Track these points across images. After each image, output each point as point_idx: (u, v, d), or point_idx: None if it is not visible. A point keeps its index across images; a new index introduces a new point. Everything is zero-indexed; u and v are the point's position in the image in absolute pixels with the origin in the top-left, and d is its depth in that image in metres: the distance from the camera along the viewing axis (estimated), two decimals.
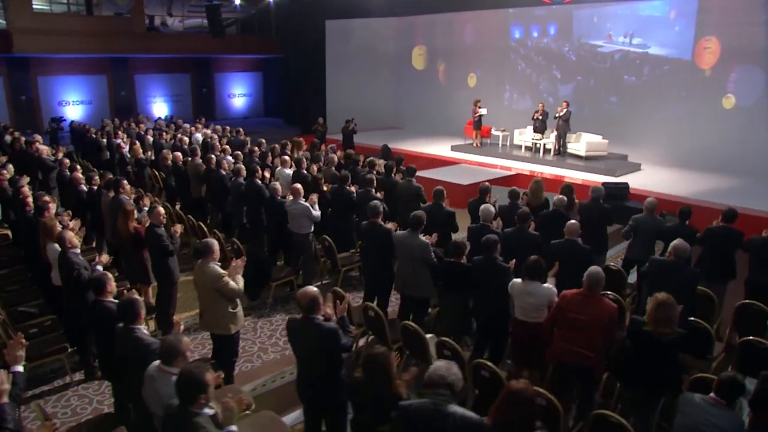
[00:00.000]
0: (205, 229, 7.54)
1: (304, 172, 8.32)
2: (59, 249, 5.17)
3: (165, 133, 13.06)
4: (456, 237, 6.52)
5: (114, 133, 12.57)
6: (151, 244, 5.79)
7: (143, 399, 3.33)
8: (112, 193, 6.91)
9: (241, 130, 12.80)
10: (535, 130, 13.44)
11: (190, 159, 9.19)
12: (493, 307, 4.71)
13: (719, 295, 5.68)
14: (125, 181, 7.04)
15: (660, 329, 3.61)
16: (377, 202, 5.88)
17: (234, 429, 2.91)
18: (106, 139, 12.39)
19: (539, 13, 15.54)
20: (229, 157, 9.47)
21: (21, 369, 3.52)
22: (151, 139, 12.45)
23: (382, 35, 19.16)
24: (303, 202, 6.71)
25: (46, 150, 10.42)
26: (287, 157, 8.85)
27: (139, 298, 3.73)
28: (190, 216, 8.03)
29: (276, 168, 8.82)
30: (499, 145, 14.63)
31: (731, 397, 3.18)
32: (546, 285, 4.32)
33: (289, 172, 8.46)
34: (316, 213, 6.74)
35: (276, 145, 10.28)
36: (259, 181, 7.68)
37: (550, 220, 6.12)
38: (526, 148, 13.99)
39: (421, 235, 5.32)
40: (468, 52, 17.36)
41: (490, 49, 16.70)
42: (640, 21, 13.54)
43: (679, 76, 12.93)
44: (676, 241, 4.60)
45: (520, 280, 4.39)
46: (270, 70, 25.45)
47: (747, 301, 5.22)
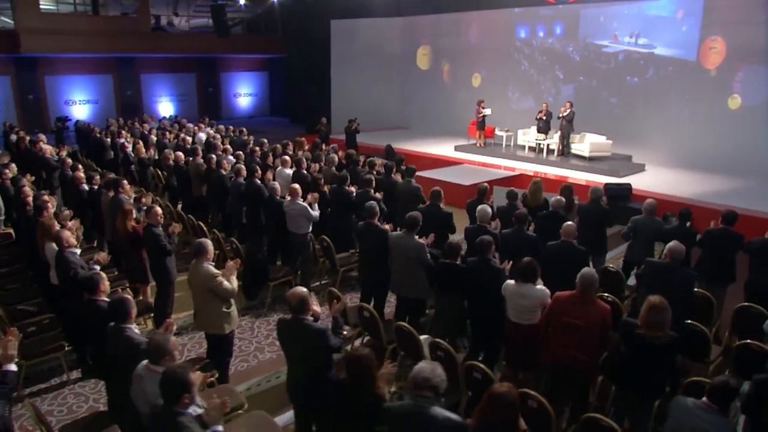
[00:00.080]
0: (205, 228, 7.55)
1: (304, 172, 8.30)
2: (56, 248, 5.20)
3: (168, 133, 13.12)
4: (453, 238, 6.49)
5: (118, 132, 12.63)
6: (148, 244, 5.81)
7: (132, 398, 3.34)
8: (111, 193, 6.93)
9: (244, 129, 12.82)
10: (539, 131, 13.37)
11: (192, 159, 9.22)
12: (488, 309, 4.68)
13: (719, 298, 5.63)
14: (125, 181, 7.07)
15: (652, 332, 3.58)
16: (373, 202, 5.86)
17: (220, 429, 2.91)
18: (110, 139, 12.46)
19: (546, 12, 15.46)
20: (230, 157, 9.48)
21: (13, 368, 3.54)
22: (154, 138, 12.50)
23: (387, 35, 19.16)
24: (301, 202, 6.71)
25: (49, 149, 10.50)
26: (288, 157, 8.85)
27: (130, 297, 3.73)
28: (191, 215, 8.05)
29: (277, 168, 8.82)
30: (503, 145, 14.57)
31: (723, 402, 3.14)
32: (539, 287, 4.29)
33: (290, 172, 8.43)
34: (315, 213, 6.73)
35: (277, 145, 10.28)
36: (259, 181, 7.69)
37: (548, 222, 6.08)
38: (530, 148, 13.93)
39: (416, 236, 5.29)
40: (473, 52, 17.32)
41: (494, 49, 16.65)
42: (646, 21, 13.44)
43: (684, 76, 12.83)
44: (671, 243, 4.56)
45: (513, 282, 4.36)
46: (276, 70, 25.51)
47: (746, 303, 5.17)
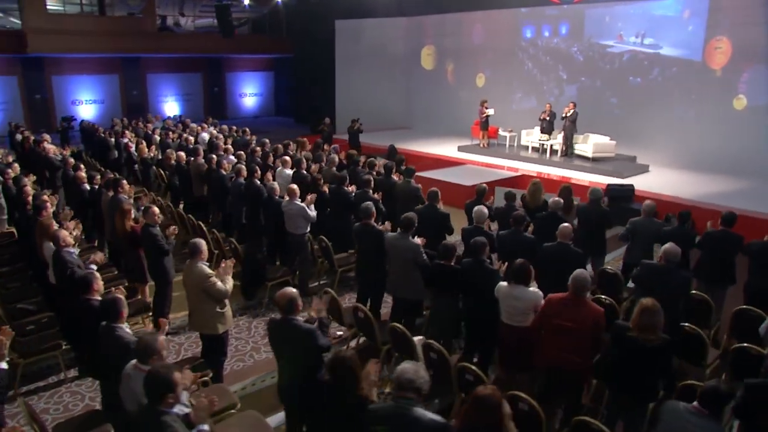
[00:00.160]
0: (204, 228, 7.57)
1: (304, 173, 8.30)
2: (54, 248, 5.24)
3: (172, 133, 13.18)
4: (451, 239, 6.47)
5: (122, 132, 12.70)
6: (146, 244, 5.84)
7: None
8: (111, 193, 6.97)
9: (247, 129, 12.85)
10: (542, 131, 13.29)
11: (193, 158, 9.25)
12: (482, 310, 4.66)
13: (718, 300, 5.59)
14: (124, 181, 7.12)
15: (644, 335, 3.55)
16: (370, 203, 5.86)
17: (205, 428, 2.91)
18: (114, 139, 12.53)
19: (551, 12, 15.38)
20: (231, 157, 9.50)
21: (4, 366, 3.57)
22: (157, 138, 12.57)
23: (392, 35, 19.15)
24: (299, 202, 6.71)
25: (52, 149, 10.58)
26: (288, 158, 8.86)
27: (122, 297, 3.75)
28: (191, 215, 8.08)
29: (277, 168, 8.83)
30: (506, 145, 14.52)
31: (714, 407, 3.10)
32: (532, 289, 4.26)
33: (290, 172, 8.43)
34: (312, 213, 6.72)
35: (278, 145, 10.29)
36: (258, 181, 7.70)
37: (546, 223, 6.04)
38: (533, 149, 13.88)
39: (412, 237, 5.27)
40: (477, 53, 17.28)
41: (499, 49, 16.60)
42: (652, 21, 13.34)
43: (689, 76, 12.73)
44: (667, 245, 4.51)
45: (506, 284, 4.34)
46: (281, 70, 25.57)
47: (745, 306, 5.11)
